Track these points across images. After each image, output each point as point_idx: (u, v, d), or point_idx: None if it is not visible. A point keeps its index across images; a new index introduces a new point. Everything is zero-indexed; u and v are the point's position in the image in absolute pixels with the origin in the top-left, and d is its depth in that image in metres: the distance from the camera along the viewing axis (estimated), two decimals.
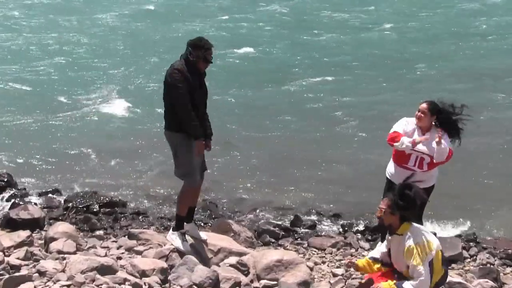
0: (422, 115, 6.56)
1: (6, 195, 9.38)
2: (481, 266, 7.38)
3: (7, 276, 5.88)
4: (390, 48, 20.01)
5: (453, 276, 6.46)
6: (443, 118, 6.58)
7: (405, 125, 6.69)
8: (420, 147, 6.50)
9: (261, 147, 12.05)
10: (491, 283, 6.64)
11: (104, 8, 25.07)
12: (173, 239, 6.81)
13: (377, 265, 5.98)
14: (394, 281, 5.60)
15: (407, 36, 21.63)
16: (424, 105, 6.57)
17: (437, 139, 6.27)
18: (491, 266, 7.42)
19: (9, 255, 6.65)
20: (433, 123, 6.61)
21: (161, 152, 6.83)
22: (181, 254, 6.52)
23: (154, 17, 24.01)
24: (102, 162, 11.27)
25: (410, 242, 5.53)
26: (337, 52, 19.50)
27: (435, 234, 6.37)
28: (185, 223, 6.97)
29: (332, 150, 11.72)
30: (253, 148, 12.08)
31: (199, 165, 6.76)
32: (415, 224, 5.72)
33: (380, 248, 6.11)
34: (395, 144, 6.55)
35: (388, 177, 6.85)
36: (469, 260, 7.80)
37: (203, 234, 7.03)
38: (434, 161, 6.52)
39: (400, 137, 6.55)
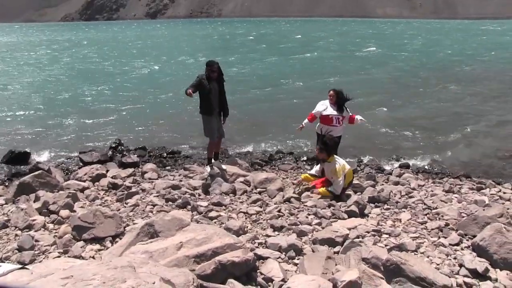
0: (331, 97, 6.79)
1: (118, 150, 9.31)
2: (366, 174, 7.55)
3: (126, 192, 6.07)
4: None
5: (354, 180, 6.47)
6: (340, 98, 6.78)
7: (321, 106, 6.83)
8: (332, 112, 6.73)
9: (251, 117, 11.95)
10: (372, 182, 6.86)
11: None
12: (206, 169, 6.87)
13: (313, 178, 6.17)
14: (325, 187, 5.81)
15: None
16: (331, 92, 6.80)
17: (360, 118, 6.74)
18: (371, 174, 7.53)
19: (124, 181, 6.86)
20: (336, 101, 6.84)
21: (199, 125, 6.86)
22: (213, 177, 6.50)
23: None
24: (167, 130, 11.18)
25: (335, 166, 5.74)
26: None
27: (345, 160, 6.51)
28: (213, 161, 6.97)
29: (292, 121, 11.47)
30: (247, 119, 11.95)
31: (215, 130, 6.66)
32: (336, 156, 5.92)
33: (316, 168, 6.29)
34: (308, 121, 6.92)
35: (318, 132, 6.91)
36: (360, 171, 7.94)
37: (224, 166, 6.99)
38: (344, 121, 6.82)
39: (310, 116, 6.87)
